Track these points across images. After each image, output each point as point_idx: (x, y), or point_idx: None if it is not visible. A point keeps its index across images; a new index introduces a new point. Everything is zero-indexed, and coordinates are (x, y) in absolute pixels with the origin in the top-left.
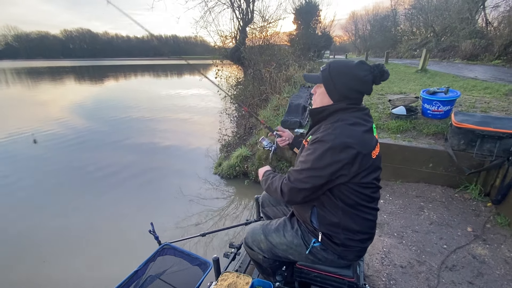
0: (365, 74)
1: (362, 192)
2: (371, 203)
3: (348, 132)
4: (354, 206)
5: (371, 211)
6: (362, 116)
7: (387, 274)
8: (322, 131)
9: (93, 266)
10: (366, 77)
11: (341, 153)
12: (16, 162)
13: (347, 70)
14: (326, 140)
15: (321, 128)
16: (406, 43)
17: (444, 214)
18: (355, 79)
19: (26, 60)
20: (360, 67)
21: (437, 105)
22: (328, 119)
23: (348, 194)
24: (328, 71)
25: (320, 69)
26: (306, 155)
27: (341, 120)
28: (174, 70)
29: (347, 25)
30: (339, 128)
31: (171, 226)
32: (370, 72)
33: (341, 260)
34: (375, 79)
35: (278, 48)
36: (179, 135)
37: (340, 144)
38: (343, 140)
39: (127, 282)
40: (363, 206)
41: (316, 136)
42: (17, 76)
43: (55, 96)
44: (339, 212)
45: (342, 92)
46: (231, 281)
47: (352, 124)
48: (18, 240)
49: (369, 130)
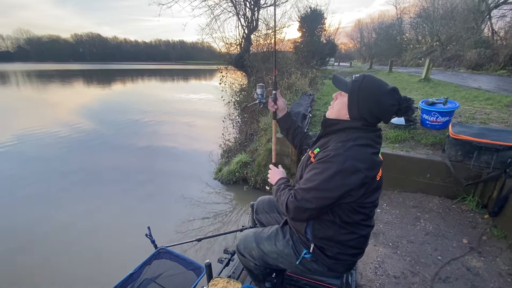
0: (392, 104)
1: (361, 211)
2: (366, 221)
3: (359, 156)
4: (350, 224)
5: (366, 228)
6: (374, 138)
7: (379, 284)
8: (332, 148)
9: (90, 266)
10: (392, 108)
11: (351, 177)
12: (23, 162)
13: (377, 94)
14: (336, 161)
15: (331, 142)
16: (411, 51)
17: (440, 225)
18: (380, 107)
19: (37, 63)
20: (391, 96)
21: (436, 115)
22: (340, 134)
23: (347, 212)
24: (359, 85)
25: (353, 78)
26: (314, 174)
27: (353, 140)
28: (181, 75)
29: (353, 32)
30: (350, 149)
31: (169, 230)
32: (398, 103)
33: (331, 272)
34: (398, 112)
35: (282, 55)
36: (183, 139)
37: (350, 167)
38: (354, 163)
39: (122, 284)
40: (359, 224)
41: (326, 154)
42: (27, 78)
43: (64, 99)
44: (335, 227)
45: (361, 113)
46: (221, 286)
47: (363, 146)
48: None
49: (377, 152)
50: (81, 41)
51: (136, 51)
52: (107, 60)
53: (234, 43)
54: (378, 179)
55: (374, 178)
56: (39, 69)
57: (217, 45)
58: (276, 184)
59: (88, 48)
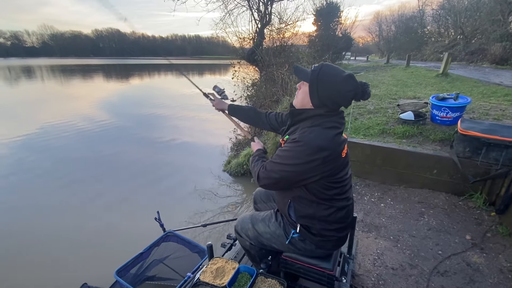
0: (349, 90)
1: (334, 186)
2: (343, 195)
3: (323, 136)
4: (327, 199)
5: (344, 202)
6: (338, 119)
7: (377, 274)
8: (299, 133)
9: (104, 242)
10: (348, 93)
11: (315, 155)
12: (45, 151)
13: (334, 81)
14: (302, 141)
15: (298, 129)
16: (432, 45)
17: (444, 221)
18: (338, 93)
19: (60, 58)
20: (347, 82)
21: (446, 111)
22: (306, 121)
23: (321, 189)
24: (317, 74)
25: (312, 67)
26: (283, 151)
27: (318, 125)
28: (196, 69)
29: (371, 25)
30: (315, 131)
31: (177, 215)
32: (354, 89)
33: (319, 249)
34: (355, 97)
35: (296, 49)
36: (195, 132)
37: (315, 147)
38: (317, 143)
39: (133, 262)
40: (336, 199)
41: (293, 138)
42: (51, 73)
43: (85, 93)
44: (313, 205)
45: (322, 100)
46: (220, 265)
47: (327, 128)
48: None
49: (340, 132)
50: (101, 36)
51: (153, 46)
52: (126, 55)
53: (247, 38)
54: (344, 155)
55: (339, 155)
56: (62, 64)
57: (230, 39)
58: (252, 155)
59: (108, 43)
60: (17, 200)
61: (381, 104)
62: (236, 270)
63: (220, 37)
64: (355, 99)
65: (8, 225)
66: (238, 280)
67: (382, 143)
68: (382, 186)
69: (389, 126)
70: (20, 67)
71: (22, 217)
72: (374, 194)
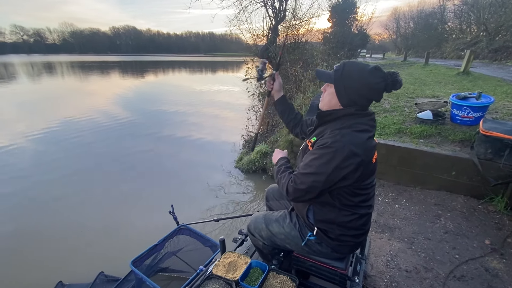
0: (378, 82)
1: (360, 193)
2: (367, 202)
3: (355, 140)
4: (350, 206)
5: (365, 210)
6: (368, 122)
7: (390, 276)
8: (329, 136)
9: (119, 233)
10: (378, 85)
11: (347, 161)
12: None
13: (360, 76)
14: (334, 147)
15: (327, 131)
16: (453, 42)
17: (462, 225)
18: (367, 86)
19: (80, 54)
20: (374, 74)
21: (467, 111)
22: (335, 122)
23: (346, 195)
24: (341, 73)
25: (334, 68)
26: (313, 159)
27: (349, 127)
28: (209, 66)
29: (388, 22)
30: (347, 135)
31: (189, 210)
32: (384, 79)
33: (335, 253)
34: (386, 88)
35: (310, 46)
36: (208, 129)
37: (348, 152)
38: (350, 148)
39: (147, 253)
40: (359, 206)
41: (324, 142)
42: (71, 69)
43: (102, 89)
44: (335, 210)
45: (351, 97)
46: (232, 259)
47: (359, 131)
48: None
49: (372, 136)
50: (118, 33)
51: (168, 43)
52: (141, 52)
53: (261, 34)
54: (374, 162)
55: (370, 161)
56: (81, 60)
57: (244, 36)
58: (277, 164)
59: (124, 41)
60: (41, 193)
61: (397, 103)
62: (248, 265)
63: (233, 34)
64: (386, 90)
65: (30, 216)
66: (250, 275)
67: (398, 143)
68: (397, 187)
69: (405, 125)
70: (42, 63)
71: (41, 207)
72: (389, 194)
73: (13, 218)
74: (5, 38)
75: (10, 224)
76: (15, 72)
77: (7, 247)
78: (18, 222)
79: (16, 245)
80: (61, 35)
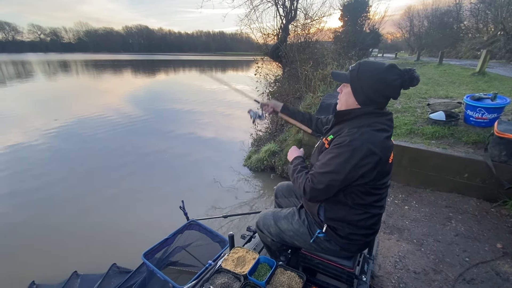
0: (395, 79)
1: (374, 193)
2: (379, 202)
3: (374, 139)
4: (362, 205)
5: (377, 210)
6: (386, 121)
7: (398, 277)
8: (347, 134)
9: (131, 228)
10: (395, 82)
11: (366, 159)
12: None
13: (376, 73)
14: (352, 145)
15: (345, 130)
16: (469, 41)
17: (473, 228)
18: (384, 83)
19: (94, 53)
20: (390, 71)
21: (482, 112)
22: (353, 121)
23: (360, 194)
24: (357, 72)
25: (349, 68)
26: (330, 158)
27: (367, 126)
28: (219, 65)
29: (401, 21)
30: (366, 134)
31: (198, 206)
32: (400, 76)
33: (344, 251)
34: (403, 84)
35: (321, 45)
36: (217, 127)
37: (366, 150)
38: (369, 147)
39: (158, 247)
40: (372, 206)
41: (342, 140)
42: (85, 67)
43: (114, 87)
44: (346, 208)
45: (368, 95)
46: (241, 254)
47: (377, 130)
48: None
49: (389, 136)
50: (130, 32)
51: (179, 42)
52: (153, 51)
53: (272, 34)
54: (390, 162)
55: (387, 161)
56: (95, 59)
57: (254, 36)
58: (292, 163)
59: (137, 40)
60: (58, 190)
61: (409, 103)
62: (257, 261)
63: (244, 33)
64: (404, 87)
65: (50, 209)
66: (258, 270)
67: (409, 144)
68: (407, 188)
69: (417, 126)
70: (57, 62)
71: (58, 202)
72: (398, 195)
73: (32, 211)
74: (23, 37)
75: (30, 217)
76: (32, 70)
77: (25, 237)
78: (36, 215)
79: (34, 236)
80: (76, 34)
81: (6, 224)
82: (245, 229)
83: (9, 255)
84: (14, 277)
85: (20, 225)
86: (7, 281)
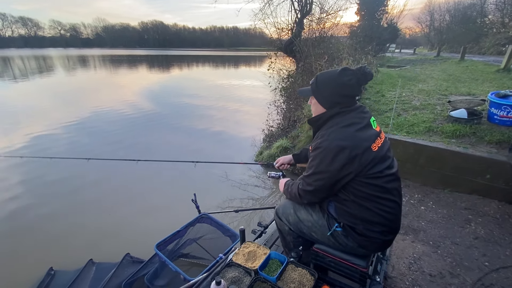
0: (349, 79)
1: (373, 183)
2: (385, 194)
3: (342, 135)
4: (367, 198)
5: (387, 202)
6: (356, 115)
7: (412, 279)
8: (320, 137)
9: (144, 219)
10: (351, 81)
11: (338, 155)
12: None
13: (332, 79)
14: (323, 146)
15: (320, 135)
16: (493, 36)
17: (494, 231)
18: (340, 85)
19: (110, 48)
20: (344, 74)
21: (507, 110)
22: (325, 125)
23: (359, 187)
24: (316, 84)
25: (310, 82)
26: (310, 161)
27: (335, 125)
28: (232, 61)
29: (421, 15)
30: (333, 133)
31: (209, 200)
32: (354, 75)
33: (361, 249)
34: (359, 81)
35: (336, 40)
36: (229, 123)
37: (335, 147)
38: (338, 143)
39: (170, 238)
40: (377, 197)
41: (315, 144)
42: (102, 62)
43: (130, 82)
44: (354, 205)
45: (330, 99)
46: (252, 249)
47: (345, 126)
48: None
49: (363, 127)
50: (146, 28)
51: (193, 38)
52: (167, 46)
53: (286, 28)
54: (376, 149)
55: (366, 149)
56: (112, 54)
57: (268, 30)
58: (284, 186)
59: (152, 35)
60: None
61: (428, 100)
62: (268, 256)
63: (257, 28)
64: (359, 83)
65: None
66: (269, 266)
67: (428, 142)
68: (423, 188)
69: (436, 124)
70: (76, 57)
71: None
72: (414, 195)
73: (53, 203)
74: (44, 33)
75: (48, 208)
76: (53, 65)
77: (44, 227)
78: (54, 206)
79: (52, 226)
80: (94, 30)
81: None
82: (256, 224)
83: (33, 242)
84: (34, 263)
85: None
86: (29, 266)
